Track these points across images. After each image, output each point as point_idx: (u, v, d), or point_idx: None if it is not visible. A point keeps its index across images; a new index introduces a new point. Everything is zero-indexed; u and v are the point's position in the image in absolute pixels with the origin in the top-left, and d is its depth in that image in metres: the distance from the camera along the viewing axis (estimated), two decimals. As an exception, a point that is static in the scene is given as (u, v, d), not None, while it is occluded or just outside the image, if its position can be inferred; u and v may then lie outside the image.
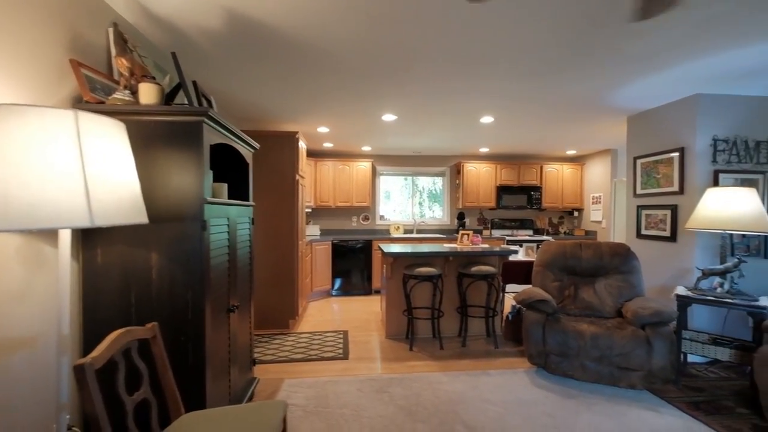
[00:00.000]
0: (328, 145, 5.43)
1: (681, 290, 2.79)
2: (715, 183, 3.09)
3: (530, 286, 3.37)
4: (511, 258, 4.14)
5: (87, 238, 1.55)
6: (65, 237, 1.15)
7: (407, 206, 6.55)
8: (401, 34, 2.07)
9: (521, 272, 3.73)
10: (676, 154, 3.25)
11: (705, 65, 2.51)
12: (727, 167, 3.12)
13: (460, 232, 4.13)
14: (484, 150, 5.87)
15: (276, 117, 3.90)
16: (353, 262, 5.56)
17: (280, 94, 3.16)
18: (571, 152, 5.99)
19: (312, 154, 6.00)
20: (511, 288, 5.14)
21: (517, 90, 3.02)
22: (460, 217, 6.30)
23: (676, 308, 2.66)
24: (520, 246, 5.34)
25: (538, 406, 2.34)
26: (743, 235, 3.13)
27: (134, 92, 1.62)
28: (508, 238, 5.91)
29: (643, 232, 3.62)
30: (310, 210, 5.80)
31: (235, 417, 1.40)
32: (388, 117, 3.85)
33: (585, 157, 6.28)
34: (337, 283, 5.52)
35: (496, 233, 6.25)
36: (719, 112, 3.10)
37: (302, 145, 4.30)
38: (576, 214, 6.41)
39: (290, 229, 3.86)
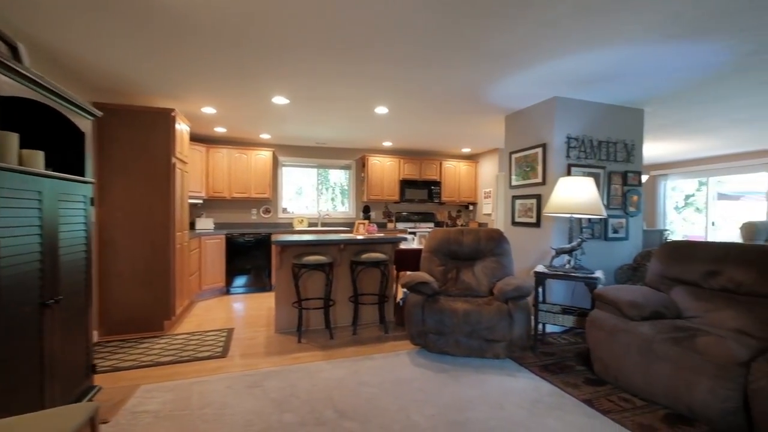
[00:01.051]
0: (220, 129, 4.99)
1: (540, 268, 3.15)
2: (569, 175, 3.57)
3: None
4: (406, 246, 4.27)
5: None
6: None
7: (317, 200, 6.38)
8: (272, 5, 1.94)
9: (414, 259, 3.87)
10: (539, 150, 3.67)
11: (559, 69, 2.86)
12: (578, 162, 3.62)
13: (357, 222, 4.13)
14: (387, 144, 5.99)
15: (147, 91, 3.42)
16: (251, 258, 5.20)
17: (143, 63, 2.76)
18: (466, 150, 6.46)
19: (202, 139, 5.47)
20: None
21: (403, 78, 3.09)
22: (366, 210, 6.35)
23: (534, 284, 3.00)
24: (414, 235, 5.57)
25: (412, 383, 2.41)
26: (589, 220, 3.66)
27: None
28: (410, 230, 6.13)
29: (516, 219, 4.03)
30: (200, 201, 5.27)
31: (10, 428, 1.12)
32: (280, 100, 3.66)
33: (478, 155, 6.82)
34: (233, 279, 5.12)
35: (400, 226, 6.44)
36: (572, 114, 3.58)
37: (183, 126, 3.86)
38: (471, 207, 6.93)
39: (164, 220, 3.43)
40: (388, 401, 2.18)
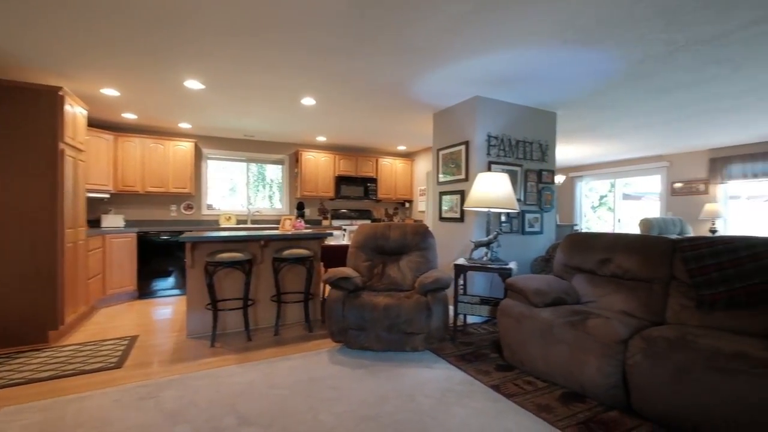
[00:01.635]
0: (129, 116, 4.49)
1: (460, 261, 3.24)
2: (490, 171, 3.72)
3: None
4: (335, 242, 4.17)
5: None
6: None
7: (249, 195, 6.02)
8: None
9: (344, 255, 3.78)
10: (463, 147, 3.79)
11: (477, 68, 2.95)
12: (497, 159, 3.79)
13: (283, 218, 3.94)
14: (321, 139, 5.85)
15: (30, 65, 2.95)
16: (169, 258, 4.75)
17: (23, 33, 2.35)
18: (401, 148, 6.52)
19: (108, 126, 4.89)
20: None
21: (327, 69, 3.00)
22: (300, 206, 6.13)
23: (454, 276, 3.07)
24: (345, 231, 5.50)
25: (326, 381, 2.33)
26: (508, 215, 3.86)
27: None
28: (345, 227, 6.04)
29: (443, 215, 4.13)
30: (107, 196, 4.71)
31: None
32: (194, 84, 3.36)
33: (414, 153, 6.94)
34: (147, 282, 4.63)
35: (337, 223, 6.33)
36: (492, 113, 3.74)
37: (77, 109, 3.39)
38: (408, 205, 7.03)
39: (49, 215, 2.97)
40: (297, 402, 2.07)
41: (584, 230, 7.68)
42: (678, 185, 6.49)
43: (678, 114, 4.19)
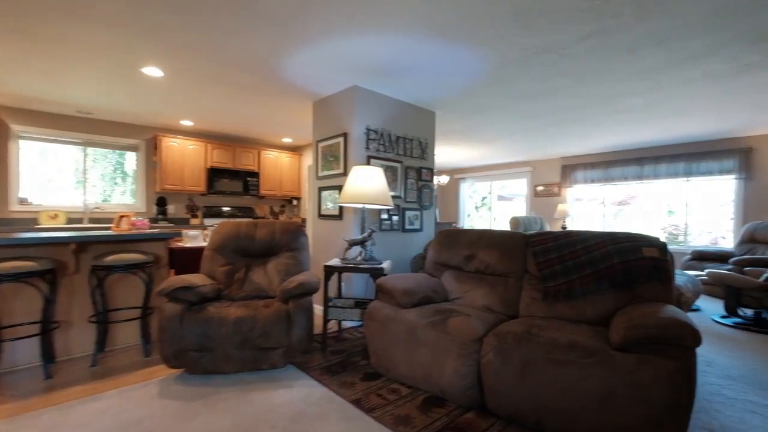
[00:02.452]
0: None
1: (334, 261, 2.97)
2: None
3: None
4: (192, 244, 3.52)
5: None
6: None
7: (86, 188, 4.79)
8: None
9: (198, 260, 3.17)
10: (341, 139, 3.54)
11: (351, 52, 2.70)
12: (377, 154, 3.65)
13: (118, 214, 3.14)
14: (187, 123, 5.00)
15: None
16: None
17: None
18: (287, 140, 6.03)
19: None
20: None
21: (167, 29, 2.40)
22: (161, 202, 5.17)
23: (324, 278, 2.78)
24: (206, 230, 4.82)
25: (142, 425, 1.79)
26: (388, 212, 3.75)
27: None
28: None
29: (322, 212, 3.82)
30: None
31: None
32: (-41, 27, 2.40)
33: (302, 147, 6.51)
34: None
35: (211, 222, 5.51)
36: (371, 106, 3.58)
37: None
38: (296, 202, 6.56)
39: None
40: (83, 464, 1.51)
41: (458, 226, 8.26)
42: (540, 188, 7.40)
43: (535, 123, 4.66)
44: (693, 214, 5.81)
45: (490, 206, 8.90)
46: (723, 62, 2.83)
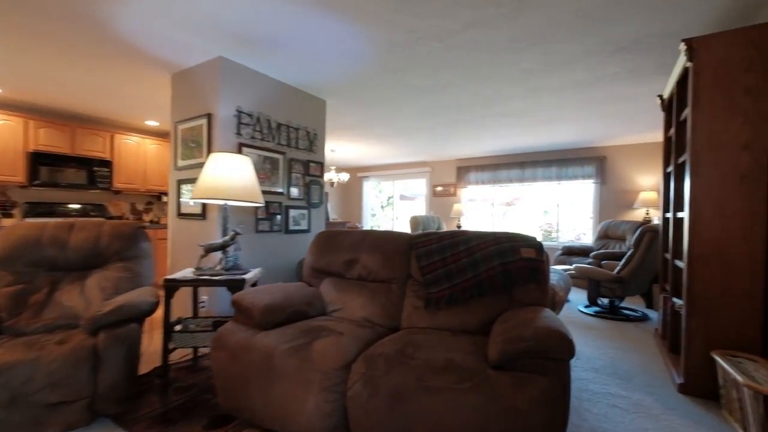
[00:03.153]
0: None
1: (184, 272, 2.35)
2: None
3: None
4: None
5: None
6: None
7: None
8: None
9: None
10: (204, 121, 2.90)
11: (206, 8, 2.11)
12: (252, 142, 3.09)
13: None
14: (-10, 90, 3.71)
15: None
16: None
17: None
18: (152, 123, 4.98)
19: None
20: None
21: None
22: (-53, 197, 3.74)
23: (165, 296, 2.15)
24: None
25: None
26: (267, 210, 3.21)
27: None
28: (47, 229, 4.06)
29: (183, 210, 3.12)
30: None
31: None
32: None
33: (176, 134, 5.49)
34: None
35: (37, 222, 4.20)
36: (244, 84, 3.00)
37: None
38: (165, 198, 5.51)
39: None
40: None
41: (367, 228, 8.07)
42: (438, 188, 7.58)
43: (428, 122, 4.60)
44: (563, 213, 6.52)
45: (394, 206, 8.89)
46: (586, 70, 3.01)
